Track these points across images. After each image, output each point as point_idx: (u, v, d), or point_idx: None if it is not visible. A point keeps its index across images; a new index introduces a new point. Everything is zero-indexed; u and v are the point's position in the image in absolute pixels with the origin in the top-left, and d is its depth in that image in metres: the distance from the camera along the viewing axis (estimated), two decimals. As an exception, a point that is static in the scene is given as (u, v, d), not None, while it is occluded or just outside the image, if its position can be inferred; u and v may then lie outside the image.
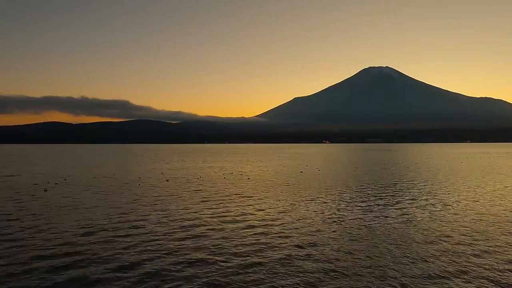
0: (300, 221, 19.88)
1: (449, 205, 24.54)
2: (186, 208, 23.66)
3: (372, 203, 25.31)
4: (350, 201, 26.45)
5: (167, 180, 40.68)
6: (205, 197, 28.29)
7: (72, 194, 30.29)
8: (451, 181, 39.19)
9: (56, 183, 37.88)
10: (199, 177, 44.74)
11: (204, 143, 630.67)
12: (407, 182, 37.90)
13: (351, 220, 19.95)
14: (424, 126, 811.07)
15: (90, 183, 38.39)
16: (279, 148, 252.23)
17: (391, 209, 23.25)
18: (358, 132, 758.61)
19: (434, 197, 28.03)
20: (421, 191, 31.45)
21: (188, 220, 20.17)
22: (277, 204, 25.09)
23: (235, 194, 29.89)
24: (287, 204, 25.03)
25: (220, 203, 25.54)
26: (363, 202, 25.94)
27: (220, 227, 18.70)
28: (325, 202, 25.75)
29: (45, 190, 32.26)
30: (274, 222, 19.61)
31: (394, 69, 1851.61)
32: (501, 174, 46.56)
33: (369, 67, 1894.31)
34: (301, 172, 51.40)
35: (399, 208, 23.35)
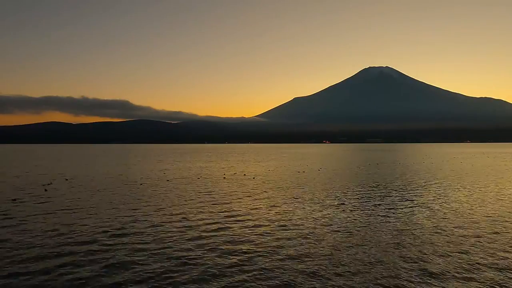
0: (308, 220, 19.83)
1: (447, 204, 24.50)
2: (190, 208, 23.57)
3: (371, 203, 25.29)
4: (352, 200, 26.42)
5: (168, 180, 40.58)
6: (207, 197, 28.19)
7: (74, 194, 30.19)
8: (450, 181, 39.11)
9: (56, 183, 37.79)
10: (199, 177, 44.63)
11: (204, 143, 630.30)
12: (407, 182, 37.82)
13: (353, 219, 19.94)
14: (424, 126, 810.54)
15: (91, 183, 38.28)
16: (279, 148, 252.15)
17: (389, 208, 23.23)
18: (358, 132, 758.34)
19: (434, 197, 27.98)
20: (420, 191, 31.38)
21: (193, 221, 20.10)
22: (282, 203, 25.04)
23: (239, 194, 29.79)
24: (292, 203, 24.99)
25: (222, 203, 25.45)
26: (363, 201, 25.93)
27: (225, 226, 18.64)
28: (327, 201, 25.73)
29: (46, 190, 32.17)
30: (279, 221, 19.57)
31: (394, 69, 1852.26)
32: (500, 174, 46.48)
33: (369, 67, 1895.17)
34: (303, 172, 51.34)
35: (396, 207, 23.35)
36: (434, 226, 18.49)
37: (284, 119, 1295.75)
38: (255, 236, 16.95)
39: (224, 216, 21.18)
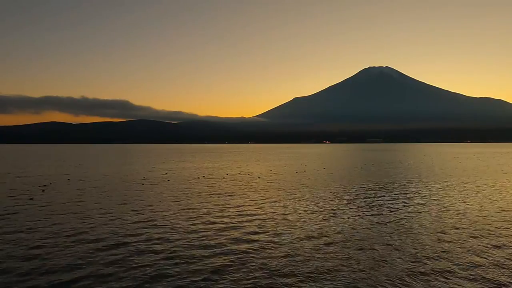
0: (312, 221, 19.90)
1: (449, 204, 24.56)
2: (197, 208, 23.62)
3: (373, 203, 25.36)
4: (353, 201, 26.50)
5: (168, 180, 40.59)
6: (212, 197, 28.25)
7: (75, 194, 30.22)
8: (450, 180, 39.15)
9: (57, 183, 37.81)
10: (203, 176, 44.67)
11: (204, 143, 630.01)
12: (407, 182, 37.85)
13: (355, 219, 20.01)
14: (424, 126, 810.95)
15: (93, 183, 38.31)
16: (279, 148, 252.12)
17: (389, 208, 23.29)
18: (358, 132, 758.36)
19: (434, 196, 28.06)
20: (420, 191, 31.43)
21: (201, 220, 20.15)
22: (292, 204, 25.12)
23: (249, 194, 29.83)
24: (299, 204, 25.08)
25: (233, 204, 25.50)
26: (365, 201, 25.99)
27: (236, 225, 18.71)
28: (329, 201, 25.83)
29: (43, 191, 32.02)
30: (283, 221, 19.63)
31: (394, 69, 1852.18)
32: (502, 174, 46.52)
33: (369, 67, 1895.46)
34: (304, 172, 51.40)
35: (397, 207, 23.45)
36: (433, 226, 18.55)
37: (284, 119, 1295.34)
38: (261, 234, 17.02)
39: (236, 217, 21.18)
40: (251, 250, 14.72)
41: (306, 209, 23.21)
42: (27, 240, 16.08)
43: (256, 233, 17.36)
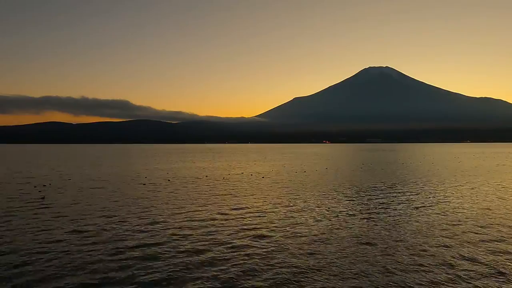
0: (313, 218, 19.99)
1: (449, 204, 24.66)
2: (198, 208, 23.71)
3: (372, 202, 25.46)
4: (353, 199, 26.60)
5: (169, 180, 40.66)
6: (215, 197, 28.34)
7: (76, 194, 30.30)
8: (451, 180, 39.25)
9: (57, 183, 37.88)
10: (205, 176, 44.74)
11: (204, 143, 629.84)
12: (407, 182, 37.95)
13: (355, 220, 20.09)
14: (424, 126, 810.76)
15: (94, 183, 38.39)
16: (279, 148, 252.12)
17: (390, 208, 23.38)
18: (358, 132, 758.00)
19: (432, 197, 28.16)
20: (422, 191, 31.53)
21: (206, 220, 20.25)
22: (290, 203, 25.23)
23: (257, 194, 29.92)
24: (299, 202, 25.17)
25: (228, 202, 25.59)
26: (365, 201, 26.10)
27: (232, 224, 18.80)
28: (329, 201, 25.93)
29: (40, 191, 31.69)
30: (286, 221, 19.73)
31: (394, 69, 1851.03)
32: (504, 173, 46.63)
33: (369, 67, 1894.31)
34: (304, 172, 51.51)
35: (398, 208, 23.51)
36: (433, 225, 18.67)
37: (284, 119, 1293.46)
38: (265, 234, 17.13)
39: (240, 217, 21.29)
40: (253, 250, 14.79)
41: (308, 209, 23.33)
42: (26, 240, 16.20)
43: (260, 232, 17.48)
